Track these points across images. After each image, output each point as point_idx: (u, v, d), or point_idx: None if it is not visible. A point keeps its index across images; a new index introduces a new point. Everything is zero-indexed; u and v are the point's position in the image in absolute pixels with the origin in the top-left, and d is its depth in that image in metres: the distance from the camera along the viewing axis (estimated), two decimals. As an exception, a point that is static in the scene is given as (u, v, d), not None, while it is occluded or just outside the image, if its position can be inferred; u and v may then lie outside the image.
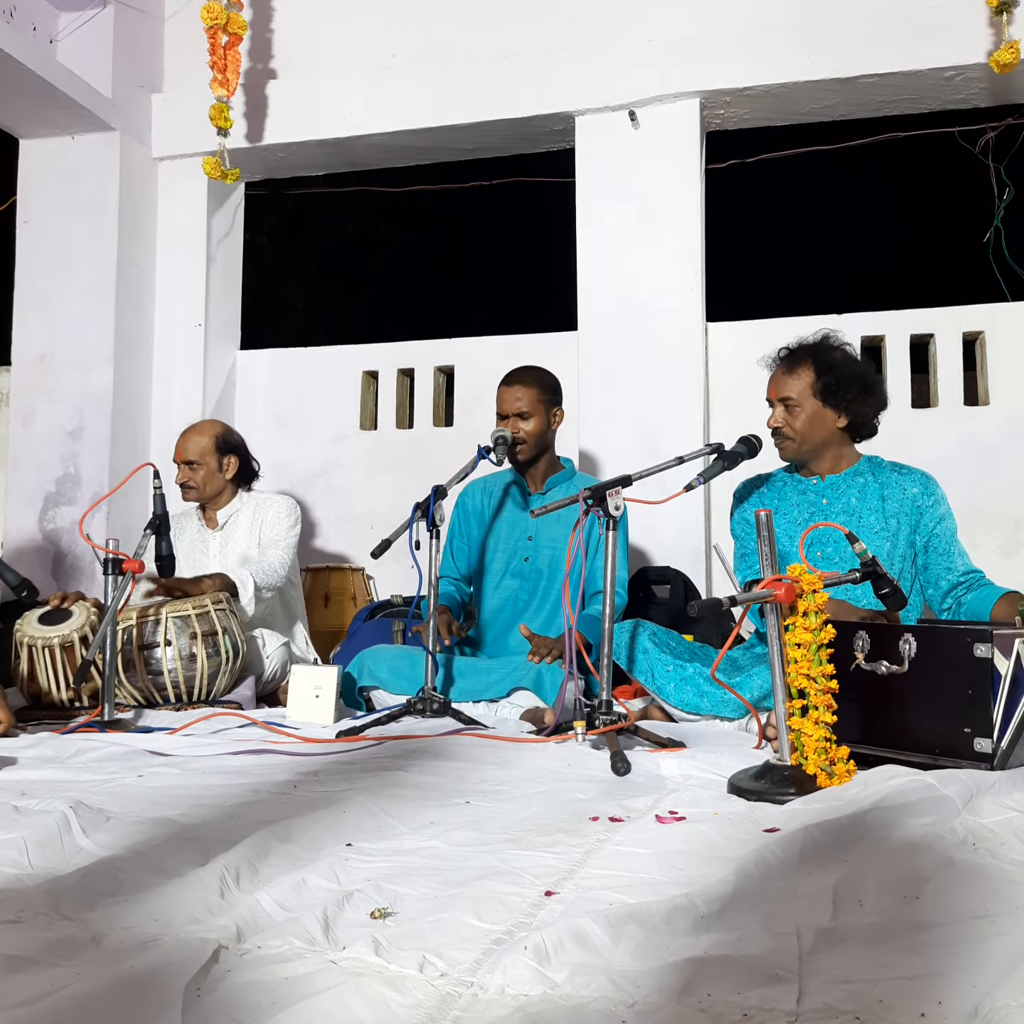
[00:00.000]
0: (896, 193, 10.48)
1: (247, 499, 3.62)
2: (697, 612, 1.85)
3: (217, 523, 3.59)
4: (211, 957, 1.05)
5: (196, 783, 1.95)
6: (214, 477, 3.55)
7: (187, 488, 3.55)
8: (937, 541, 2.73)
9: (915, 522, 2.74)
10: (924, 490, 2.75)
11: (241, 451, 3.62)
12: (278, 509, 3.56)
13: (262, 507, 3.58)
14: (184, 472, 3.54)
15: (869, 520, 2.75)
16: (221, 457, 3.55)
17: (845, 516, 2.77)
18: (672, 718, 2.74)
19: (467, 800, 1.82)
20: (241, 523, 3.57)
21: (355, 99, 4.51)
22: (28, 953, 1.07)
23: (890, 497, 2.76)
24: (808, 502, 2.84)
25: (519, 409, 3.19)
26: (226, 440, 3.58)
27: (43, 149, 4.59)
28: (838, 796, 1.68)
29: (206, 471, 3.54)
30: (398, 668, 3.01)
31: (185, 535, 3.60)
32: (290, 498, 3.64)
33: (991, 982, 0.96)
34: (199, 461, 3.53)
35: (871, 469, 2.83)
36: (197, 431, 3.60)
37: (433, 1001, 0.97)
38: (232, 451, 3.58)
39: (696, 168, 4.22)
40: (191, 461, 3.53)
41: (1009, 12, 3.61)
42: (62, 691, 2.96)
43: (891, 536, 2.73)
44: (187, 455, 3.54)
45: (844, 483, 2.82)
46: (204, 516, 3.63)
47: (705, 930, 1.12)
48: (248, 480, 3.65)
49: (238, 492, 3.62)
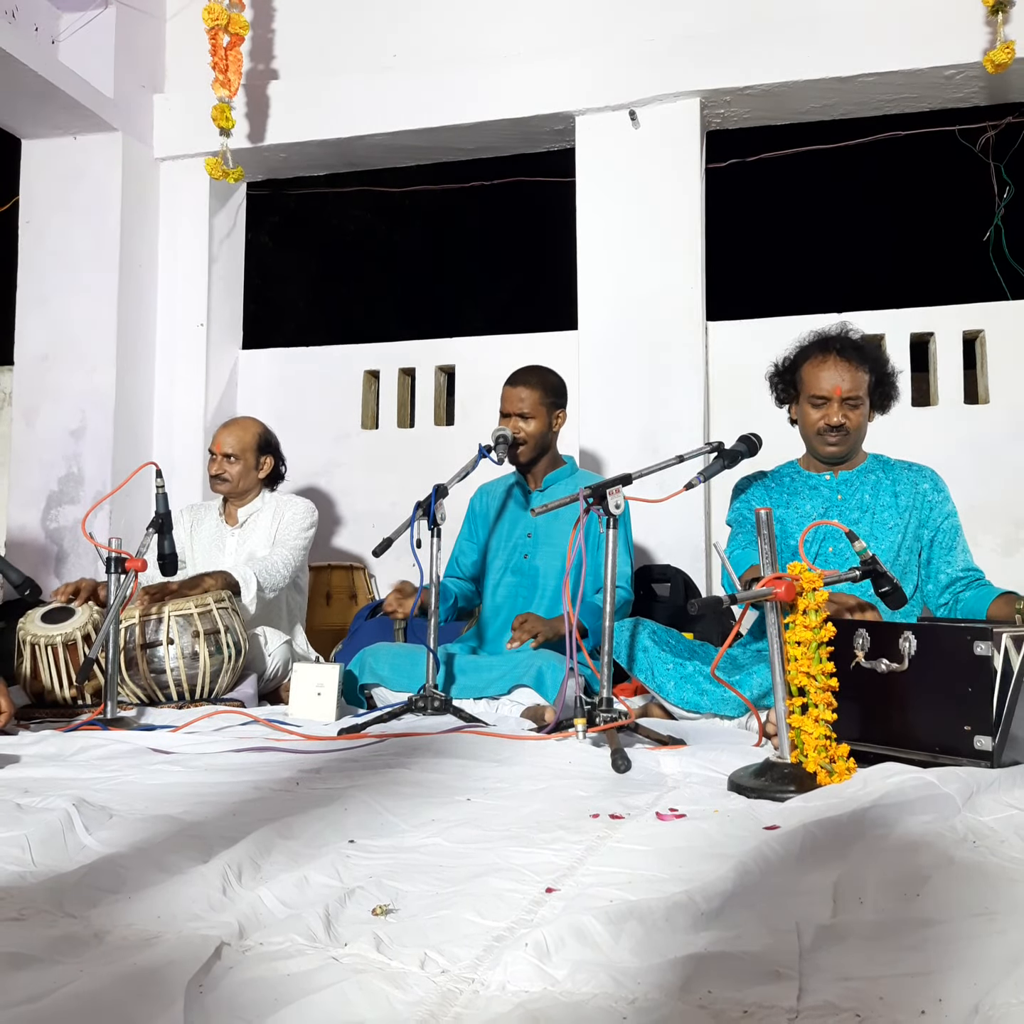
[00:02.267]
0: (896, 192, 10.47)
1: (269, 499, 3.63)
2: (697, 610, 1.86)
3: (237, 520, 3.60)
4: (213, 954, 1.05)
5: (198, 780, 1.96)
6: (249, 474, 3.57)
7: (220, 480, 3.56)
8: (943, 536, 2.76)
9: (924, 517, 2.78)
10: (934, 486, 2.81)
11: (276, 452, 3.66)
12: (295, 511, 3.56)
13: (282, 507, 3.59)
14: (220, 464, 3.55)
15: (883, 516, 2.77)
16: (259, 456, 3.58)
17: (860, 512, 2.79)
18: (672, 716, 2.75)
19: (468, 797, 1.82)
20: (261, 523, 3.57)
21: (356, 99, 4.51)
22: (31, 950, 1.07)
23: (902, 493, 2.80)
24: (823, 498, 2.85)
25: (521, 410, 3.20)
26: (267, 439, 3.62)
27: (45, 149, 4.60)
28: (838, 794, 1.68)
29: (243, 466, 3.55)
30: (399, 666, 3.02)
31: (203, 528, 3.61)
32: (309, 502, 3.64)
33: (991, 980, 0.96)
34: (238, 455, 3.55)
35: (880, 466, 2.86)
36: (241, 426, 3.63)
37: (434, 998, 0.98)
38: (270, 451, 3.62)
39: (696, 167, 4.22)
40: (230, 454, 3.55)
41: (1005, 12, 3.61)
42: (65, 689, 2.96)
43: (903, 530, 2.75)
44: (227, 448, 3.55)
45: (857, 479, 2.84)
46: (224, 511, 3.64)
47: (705, 927, 1.12)
48: (275, 482, 3.67)
49: (262, 492, 3.64)
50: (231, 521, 3.61)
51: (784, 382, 2.90)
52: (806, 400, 2.81)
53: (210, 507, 3.69)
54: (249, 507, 3.61)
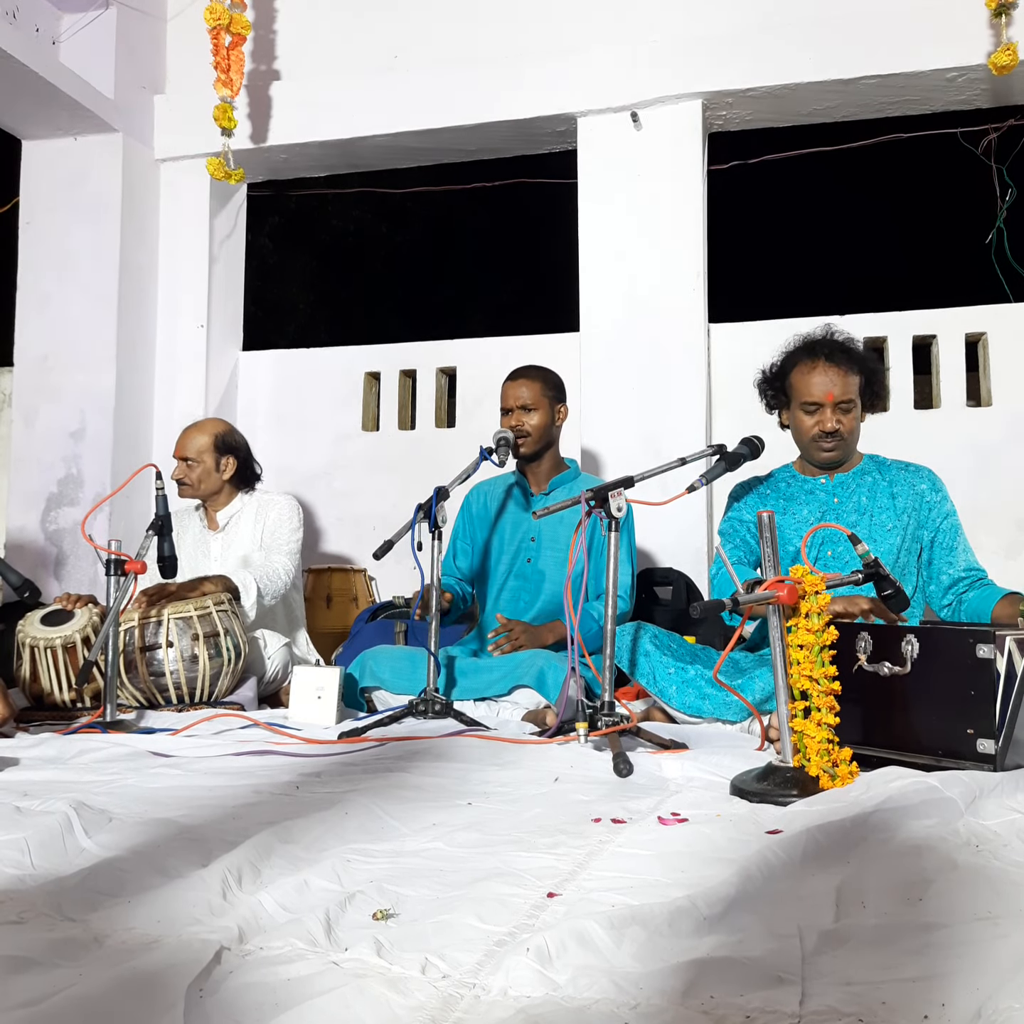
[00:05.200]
0: (898, 194, 10.48)
1: (248, 500, 3.58)
2: (699, 613, 1.85)
3: (218, 525, 3.56)
4: (213, 958, 1.05)
5: (198, 784, 1.95)
6: (210, 476, 3.51)
7: (182, 484, 3.52)
8: (943, 536, 2.74)
9: (923, 518, 2.76)
10: (932, 486, 2.79)
11: (241, 452, 3.58)
12: (280, 511, 3.52)
13: (264, 508, 3.54)
14: (180, 468, 3.52)
15: (881, 518, 2.76)
16: (219, 457, 3.52)
17: (857, 515, 2.78)
18: (674, 720, 2.74)
19: (469, 801, 1.82)
20: (243, 524, 3.54)
21: (357, 100, 4.51)
22: (30, 954, 1.07)
23: (900, 494, 2.78)
24: (819, 501, 2.83)
25: (523, 401, 3.20)
26: (225, 440, 3.54)
27: (45, 150, 4.60)
28: (840, 798, 1.68)
29: (202, 469, 3.50)
30: (400, 669, 3.01)
31: (187, 535, 3.58)
32: (292, 499, 3.60)
33: (994, 984, 0.95)
34: (196, 459, 3.50)
35: (876, 467, 2.84)
36: (198, 428, 3.58)
37: (435, 1003, 0.97)
38: (231, 452, 3.54)
39: (698, 169, 4.22)
40: (187, 458, 3.50)
41: (1008, 14, 3.60)
42: (64, 692, 2.96)
43: (902, 531, 2.74)
44: (184, 451, 3.51)
45: (853, 482, 2.82)
46: (206, 516, 3.60)
47: (707, 932, 1.12)
48: (248, 483, 3.60)
49: (238, 494, 3.59)
50: (213, 526, 3.57)
51: (773, 389, 2.88)
52: (798, 407, 2.79)
53: (192, 514, 3.65)
54: (227, 510, 3.56)
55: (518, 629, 2.99)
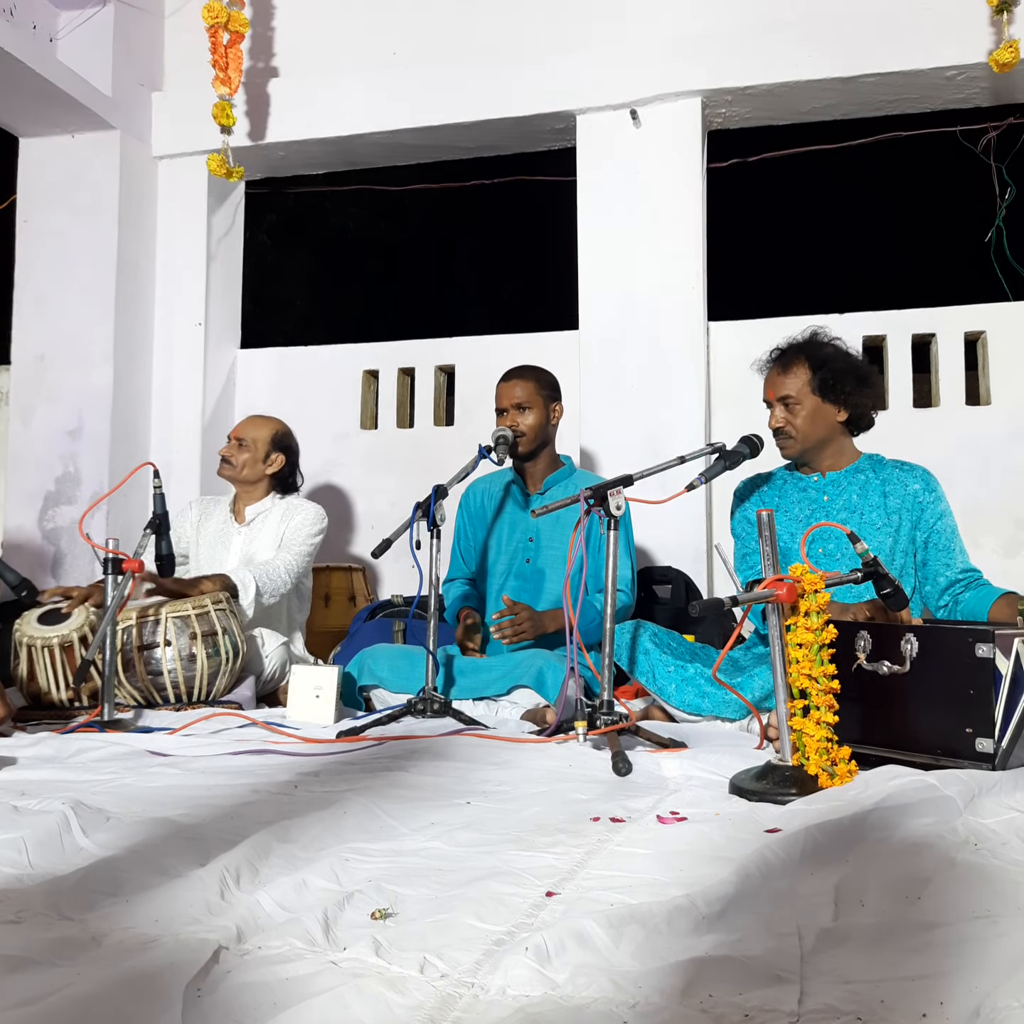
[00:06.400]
0: (898, 192, 10.48)
1: (279, 503, 3.61)
2: (699, 612, 1.85)
3: (245, 518, 3.59)
4: (211, 958, 1.05)
5: (196, 783, 1.95)
6: (256, 464, 3.57)
7: (225, 463, 3.58)
8: (937, 537, 2.72)
9: (916, 518, 2.74)
10: (926, 486, 2.75)
11: (292, 456, 3.65)
12: (304, 515, 3.53)
13: (291, 511, 3.56)
14: (231, 446, 3.58)
15: (871, 517, 2.74)
16: (271, 450, 3.59)
17: (846, 513, 2.77)
18: (673, 719, 2.74)
19: (468, 800, 1.82)
20: (269, 524, 3.55)
21: (356, 97, 4.50)
22: (28, 953, 1.07)
23: (892, 493, 2.76)
24: (809, 499, 2.83)
25: (518, 400, 3.19)
26: (283, 439, 3.63)
27: (43, 148, 4.59)
28: (839, 796, 1.68)
29: (251, 455, 3.56)
30: (398, 667, 3.01)
31: (211, 523, 3.60)
32: (320, 508, 3.60)
33: (993, 983, 0.96)
34: (250, 443, 3.57)
35: (872, 466, 2.83)
36: (263, 418, 3.70)
37: (434, 1002, 0.97)
38: (283, 451, 3.62)
39: (697, 167, 4.22)
40: (242, 439, 3.58)
41: (1009, 11, 3.60)
42: (62, 691, 2.95)
43: (893, 532, 2.73)
44: (242, 433, 3.60)
45: (845, 480, 2.82)
46: (234, 508, 3.63)
47: (706, 931, 1.12)
48: (286, 488, 3.65)
49: (271, 494, 3.62)
50: (239, 519, 3.60)
51: None
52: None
53: (220, 502, 3.69)
54: (257, 506, 3.59)
55: (524, 614, 2.97)
